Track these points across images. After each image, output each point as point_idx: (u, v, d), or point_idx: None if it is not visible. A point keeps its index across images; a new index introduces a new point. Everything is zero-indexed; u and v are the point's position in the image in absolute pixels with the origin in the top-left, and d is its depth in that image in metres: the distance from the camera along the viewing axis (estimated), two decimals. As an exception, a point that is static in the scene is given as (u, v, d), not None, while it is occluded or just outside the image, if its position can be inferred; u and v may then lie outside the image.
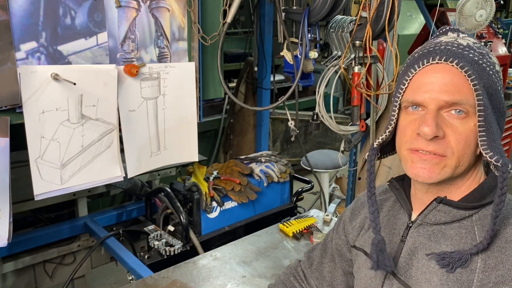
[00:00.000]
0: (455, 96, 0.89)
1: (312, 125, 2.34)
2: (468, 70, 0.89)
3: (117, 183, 2.12)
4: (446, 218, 0.96)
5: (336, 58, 2.23)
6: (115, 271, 3.22)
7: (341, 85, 4.62)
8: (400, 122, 0.99)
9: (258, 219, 2.36)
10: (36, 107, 1.58)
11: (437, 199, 0.97)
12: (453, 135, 0.91)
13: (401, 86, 0.97)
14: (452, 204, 0.96)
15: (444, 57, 0.91)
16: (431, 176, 0.93)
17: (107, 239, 2.11)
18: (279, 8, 2.12)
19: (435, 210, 0.97)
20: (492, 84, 0.91)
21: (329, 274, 1.30)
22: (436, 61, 0.92)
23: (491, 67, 0.93)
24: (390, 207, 1.14)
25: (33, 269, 2.25)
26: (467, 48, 0.92)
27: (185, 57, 1.99)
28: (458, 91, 0.89)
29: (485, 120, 0.89)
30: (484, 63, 0.92)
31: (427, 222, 1.00)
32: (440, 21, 3.56)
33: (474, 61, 0.91)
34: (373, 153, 1.04)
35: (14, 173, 1.63)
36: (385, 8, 1.94)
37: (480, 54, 0.93)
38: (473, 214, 0.95)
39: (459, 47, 0.92)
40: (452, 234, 0.95)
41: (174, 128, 2.02)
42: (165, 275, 1.68)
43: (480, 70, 0.91)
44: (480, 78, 0.89)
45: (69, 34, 1.63)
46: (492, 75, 0.92)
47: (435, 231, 0.98)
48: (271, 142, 4.38)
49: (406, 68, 0.99)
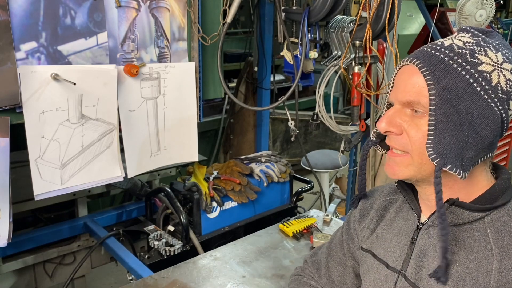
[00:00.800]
0: (412, 96, 0.92)
1: (312, 125, 2.34)
2: (425, 71, 0.89)
3: (117, 183, 2.12)
4: (458, 220, 0.95)
5: (336, 58, 2.23)
6: (115, 271, 3.22)
7: (341, 85, 4.62)
8: None
9: (258, 219, 2.35)
10: (36, 107, 1.58)
11: (449, 200, 0.95)
12: (411, 132, 0.93)
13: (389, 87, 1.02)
14: (464, 206, 0.95)
15: (411, 58, 0.94)
16: (394, 173, 0.99)
17: (107, 239, 2.11)
18: (279, 8, 2.12)
19: (447, 212, 0.96)
20: (461, 86, 0.87)
21: (338, 278, 1.28)
22: (405, 62, 0.96)
23: (467, 68, 0.88)
24: (397, 207, 1.14)
25: (33, 269, 2.25)
26: (443, 49, 0.91)
27: (185, 57, 1.99)
28: (417, 91, 0.91)
29: (436, 121, 0.88)
30: (456, 62, 0.88)
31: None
32: (440, 21, 3.56)
33: (441, 61, 0.89)
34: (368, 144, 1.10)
35: (14, 173, 1.63)
36: (385, 8, 1.94)
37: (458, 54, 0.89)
38: (485, 216, 0.94)
39: (435, 48, 0.93)
40: (464, 236, 0.95)
41: (174, 128, 2.02)
42: (165, 275, 1.68)
43: (444, 70, 0.88)
44: (439, 78, 0.88)
45: (69, 34, 1.63)
46: (465, 75, 0.87)
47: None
48: (271, 142, 4.38)
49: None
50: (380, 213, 1.17)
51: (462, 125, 0.87)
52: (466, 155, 0.89)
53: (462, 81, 0.87)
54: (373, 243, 1.14)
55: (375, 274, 1.10)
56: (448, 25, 3.55)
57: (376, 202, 1.20)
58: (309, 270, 1.36)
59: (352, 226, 1.25)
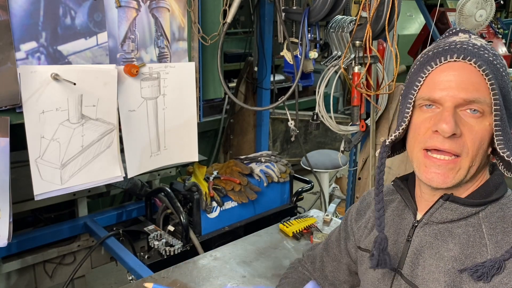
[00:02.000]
0: (473, 94, 0.89)
1: (312, 125, 2.34)
2: (485, 69, 0.89)
3: (117, 183, 2.12)
4: (453, 215, 0.96)
5: (336, 58, 2.23)
6: (115, 271, 3.22)
7: (341, 85, 4.62)
8: (414, 120, 0.98)
9: (258, 219, 2.35)
10: (36, 107, 1.58)
11: (444, 196, 0.96)
12: (469, 134, 0.90)
13: (417, 83, 0.95)
14: (458, 201, 0.95)
15: (462, 55, 0.91)
16: (446, 181, 0.93)
17: (107, 239, 2.11)
18: (279, 8, 2.12)
19: (442, 208, 0.97)
20: (505, 85, 0.92)
21: (331, 273, 1.30)
22: (454, 59, 0.91)
23: (504, 68, 0.94)
24: (395, 207, 1.14)
25: (33, 269, 2.25)
26: (482, 48, 0.93)
27: (185, 57, 1.99)
28: (476, 89, 0.89)
29: (501, 120, 0.89)
30: (498, 63, 0.93)
31: (433, 221, 0.99)
32: (440, 21, 3.56)
33: (489, 61, 0.91)
34: (385, 150, 1.03)
35: (14, 173, 1.63)
36: (385, 8, 1.94)
37: (494, 55, 0.94)
38: (479, 211, 0.95)
39: (474, 47, 0.93)
40: (460, 232, 0.95)
41: (174, 128, 2.02)
42: (165, 275, 1.68)
43: (495, 70, 0.91)
44: (495, 78, 0.90)
45: (69, 34, 1.63)
46: (504, 76, 0.93)
47: (442, 230, 0.98)
48: (271, 142, 4.38)
49: (420, 66, 0.98)
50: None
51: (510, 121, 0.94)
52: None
53: (505, 81, 0.92)
54: (371, 242, 1.13)
55: (372, 273, 1.11)
56: (448, 25, 3.55)
57: (372, 203, 1.19)
58: (304, 262, 1.39)
59: (349, 225, 1.26)
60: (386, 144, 1.02)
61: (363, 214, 1.22)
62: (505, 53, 3.81)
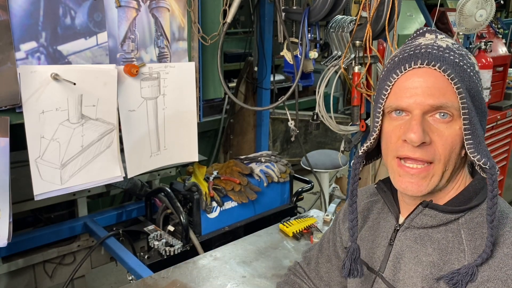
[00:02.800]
0: (439, 99, 0.88)
1: (312, 125, 2.34)
2: (450, 73, 0.88)
3: (117, 183, 2.12)
4: (432, 222, 0.96)
5: (336, 58, 2.23)
6: (115, 271, 3.22)
7: (341, 85, 4.62)
8: (385, 128, 0.97)
9: (258, 219, 2.35)
10: (36, 107, 1.58)
11: (423, 203, 0.96)
12: (440, 140, 0.90)
13: (384, 92, 0.94)
14: (438, 208, 0.95)
15: (426, 60, 0.89)
16: (420, 190, 0.93)
17: (107, 239, 2.11)
18: (279, 8, 2.12)
19: (421, 214, 0.97)
20: (474, 86, 0.91)
21: (326, 274, 1.30)
22: (418, 65, 0.90)
23: (471, 68, 0.92)
24: (379, 209, 1.14)
25: (33, 269, 2.25)
26: (447, 50, 0.91)
27: (185, 57, 1.99)
28: (442, 94, 0.88)
29: (470, 123, 0.88)
30: (465, 64, 0.91)
31: (414, 226, 0.99)
32: (440, 21, 3.56)
33: (455, 63, 0.90)
34: (358, 161, 1.03)
35: (14, 173, 1.63)
36: (385, 8, 1.94)
37: (460, 56, 0.92)
38: (459, 218, 0.94)
39: (439, 50, 0.91)
40: (439, 237, 0.95)
41: (174, 128, 2.02)
42: (165, 275, 1.68)
43: (461, 72, 0.89)
44: (462, 80, 0.89)
45: (69, 34, 1.63)
46: (472, 76, 0.91)
47: (422, 235, 0.97)
48: (271, 142, 4.38)
49: (387, 72, 0.96)
50: (364, 215, 1.17)
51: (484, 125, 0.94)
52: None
53: (473, 81, 0.91)
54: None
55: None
56: (448, 25, 3.55)
57: (360, 204, 1.19)
58: (300, 265, 1.38)
59: (337, 226, 1.26)
60: (359, 155, 1.02)
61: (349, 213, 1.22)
62: (505, 53, 3.80)
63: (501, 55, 3.73)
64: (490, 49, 3.44)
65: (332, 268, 1.28)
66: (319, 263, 1.32)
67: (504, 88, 3.82)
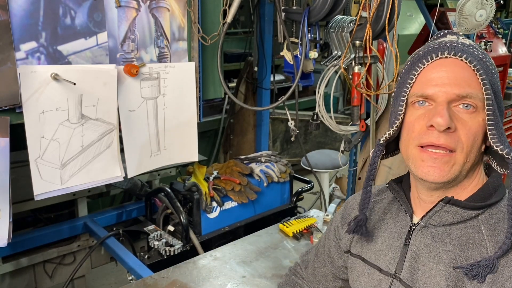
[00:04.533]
0: (465, 89, 0.90)
1: (312, 125, 2.34)
2: (476, 65, 0.91)
3: (117, 183, 2.12)
4: (453, 218, 0.95)
5: (336, 58, 2.23)
6: (115, 271, 3.22)
7: (341, 85, 4.63)
8: (407, 118, 0.97)
9: (258, 219, 2.35)
10: (36, 107, 1.58)
11: (445, 199, 0.95)
12: (463, 129, 0.90)
13: (409, 81, 0.96)
14: (459, 204, 0.94)
15: (453, 51, 0.92)
16: (442, 175, 0.92)
17: (107, 239, 2.11)
18: (279, 8, 2.12)
19: (442, 211, 0.96)
20: (495, 83, 0.94)
21: (323, 278, 1.29)
22: (445, 55, 0.93)
23: (493, 67, 0.96)
24: (385, 209, 1.12)
25: (33, 269, 2.25)
26: (471, 47, 0.95)
27: (185, 57, 1.99)
28: (468, 84, 0.90)
29: (494, 115, 0.90)
30: (487, 61, 0.95)
31: (431, 224, 0.98)
32: (440, 21, 3.56)
33: (479, 58, 0.93)
34: (379, 148, 1.02)
35: (14, 173, 1.63)
36: (385, 8, 1.94)
37: (483, 53, 0.95)
38: (479, 214, 0.94)
39: (463, 45, 0.94)
40: (458, 234, 0.94)
41: (174, 128, 2.02)
42: (165, 275, 1.68)
43: (485, 67, 0.92)
44: (486, 74, 0.91)
45: (69, 34, 1.63)
46: (494, 74, 0.95)
47: (440, 232, 0.96)
48: (271, 142, 4.38)
49: (411, 64, 0.98)
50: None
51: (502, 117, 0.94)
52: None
53: (494, 79, 0.94)
54: (363, 247, 1.12)
55: (366, 279, 1.08)
56: (448, 25, 3.55)
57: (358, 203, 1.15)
58: (299, 268, 1.39)
59: (334, 229, 1.24)
60: (381, 143, 1.02)
61: (347, 217, 1.20)
62: (505, 53, 3.80)
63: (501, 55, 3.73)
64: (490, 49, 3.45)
65: (327, 272, 1.28)
66: (315, 267, 1.31)
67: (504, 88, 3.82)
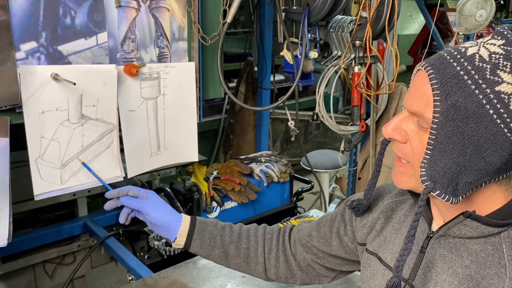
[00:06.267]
0: (413, 107, 0.85)
1: (312, 125, 2.34)
2: (436, 83, 0.80)
3: (117, 183, 2.12)
4: (472, 233, 0.89)
5: (336, 58, 2.23)
6: (115, 271, 3.22)
7: (341, 85, 4.62)
8: None
9: (258, 219, 2.35)
10: (36, 107, 1.58)
11: (465, 213, 0.88)
12: (414, 143, 0.86)
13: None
14: (480, 220, 0.87)
15: (426, 64, 0.84)
16: (398, 183, 0.93)
17: (107, 239, 2.11)
18: (279, 8, 2.12)
19: (461, 224, 0.90)
20: (472, 107, 0.77)
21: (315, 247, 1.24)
22: (420, 67, 0.86)
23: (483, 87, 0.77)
24: (407, 211, 1.08)
25: (33, 269, 2.25)
26: (462, 59, 0.80)
27: (185, 57, 1.99)
28: (424, 103, 0.83)
29: (436, 140, 0.81)
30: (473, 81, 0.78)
31: (450, 235, 0.93)
32: (440, 21, 3.56)
33: (455, 74, 0.79)
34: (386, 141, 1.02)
35: (14, 173, 1.63)
36: (385, 8, 1.95)
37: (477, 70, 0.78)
38: (502, 231, 0.87)
39: (455, 56, 0.81)
40: (477, 249, 0.88)
41: (174, 128, 2.02)
42: (165, 275, 1.68)
43: (456, 86, 0.78)
44: (448, 94, 0.79)
45: (69, 34, 1.63)
46: (478, 95, 0.77)
47: (458, 244, 0.91)
48: (271, 142, 4.38)
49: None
50: (387, 215, 1.11)
51: (465, 148, 0.79)
52: (463, 179, 0.82)
53: (473, 101, 0.77)
54: (380, 246, 1.08)
55: (380, 279, 1.05)
56: (448, 25, 3.55)
57: (383, 202, 1.14)
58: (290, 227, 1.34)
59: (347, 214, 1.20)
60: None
61: (368, 211, 1.16)
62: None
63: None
64: (490, 49, 3.44)
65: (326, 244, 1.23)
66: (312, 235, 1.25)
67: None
